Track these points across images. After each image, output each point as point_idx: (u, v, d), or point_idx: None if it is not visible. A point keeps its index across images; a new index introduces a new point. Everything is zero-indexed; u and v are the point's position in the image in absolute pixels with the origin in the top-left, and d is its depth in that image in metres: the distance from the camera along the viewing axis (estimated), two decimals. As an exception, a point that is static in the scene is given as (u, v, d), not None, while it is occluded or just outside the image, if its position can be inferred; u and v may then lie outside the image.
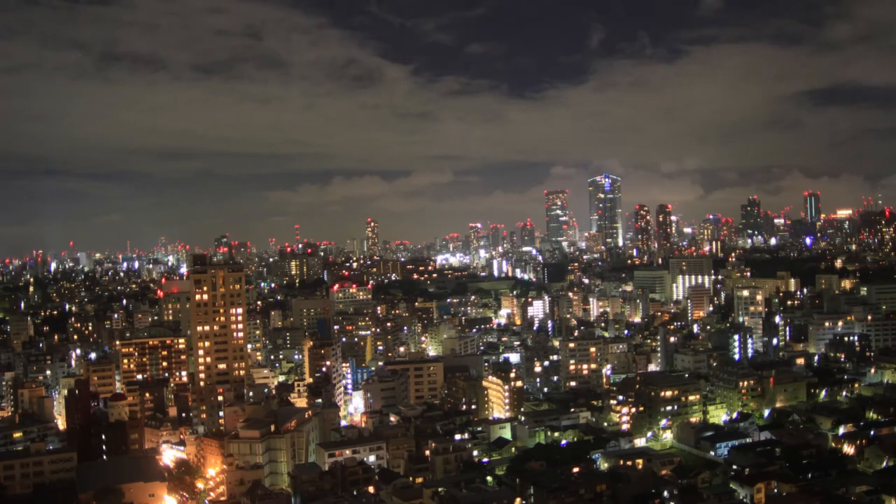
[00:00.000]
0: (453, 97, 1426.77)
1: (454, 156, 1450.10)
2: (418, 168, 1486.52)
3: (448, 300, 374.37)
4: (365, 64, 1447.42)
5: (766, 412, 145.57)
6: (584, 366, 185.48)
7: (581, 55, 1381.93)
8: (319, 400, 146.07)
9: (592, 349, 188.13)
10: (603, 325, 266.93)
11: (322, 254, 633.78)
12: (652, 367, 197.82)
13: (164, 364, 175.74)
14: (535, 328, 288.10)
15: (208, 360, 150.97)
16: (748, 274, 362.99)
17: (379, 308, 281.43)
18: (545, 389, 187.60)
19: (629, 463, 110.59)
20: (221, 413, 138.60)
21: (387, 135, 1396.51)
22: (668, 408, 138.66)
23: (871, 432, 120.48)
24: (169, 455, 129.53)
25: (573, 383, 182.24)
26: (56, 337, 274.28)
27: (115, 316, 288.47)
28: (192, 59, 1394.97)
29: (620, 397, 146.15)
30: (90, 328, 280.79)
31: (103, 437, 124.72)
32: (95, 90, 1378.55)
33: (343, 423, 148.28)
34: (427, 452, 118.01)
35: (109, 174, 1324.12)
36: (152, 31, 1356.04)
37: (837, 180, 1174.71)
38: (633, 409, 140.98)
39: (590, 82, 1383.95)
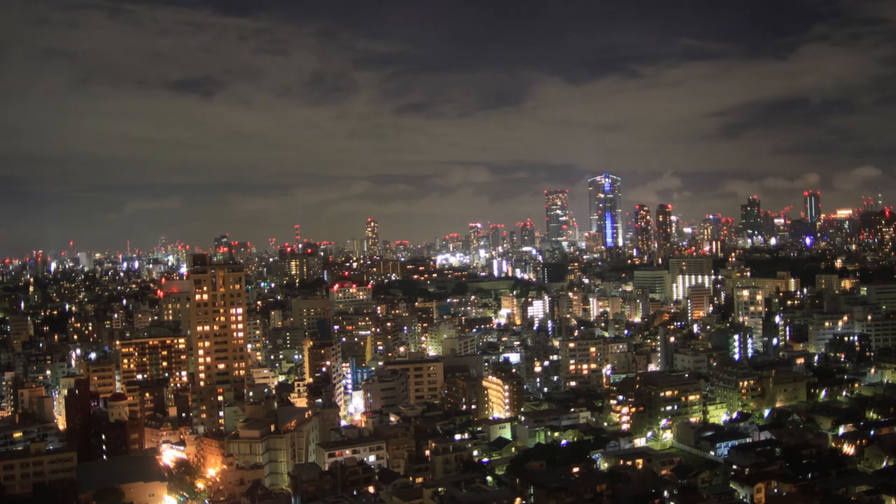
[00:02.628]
0: (418, 109, 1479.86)
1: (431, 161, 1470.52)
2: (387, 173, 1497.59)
3: (448, 300, 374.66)
4: (334, 77, 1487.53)
5: (766, 412, 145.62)
6: (584, 366, 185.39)
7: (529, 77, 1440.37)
8: (319, 400, 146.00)
9: (592, 349, 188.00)
10: (603, 325, 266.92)
11: (322, 254, 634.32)
12: (652, 367, 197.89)
13: (164, 364, 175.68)
14: (535, 328, 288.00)
15: (208, 360, 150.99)
16: (748, 274, 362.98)
17: (379, 308, 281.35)
18: (545, 389, 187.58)
19: (629, 463, 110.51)
20: (221, 413, 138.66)
21: (356, 143, 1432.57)
22: (668, 408, 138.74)
23: (871, 432, 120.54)
24: (169, 455, 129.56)
25: (573, 383, 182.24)
26: (56, 337, 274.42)
27: (115, 316, 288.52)
28: (168, 73, 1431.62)
29: (620, 397, 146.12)
30: (90, 328, 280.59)
31: (103, 437, 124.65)
32: (78, 103, 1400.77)
33: (343, 423, 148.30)
34: (427, 452, 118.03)
35: (94, 179, 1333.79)
36: (129, 48, 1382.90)
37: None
38: (633, 409, 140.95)
39: (529, 102, 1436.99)
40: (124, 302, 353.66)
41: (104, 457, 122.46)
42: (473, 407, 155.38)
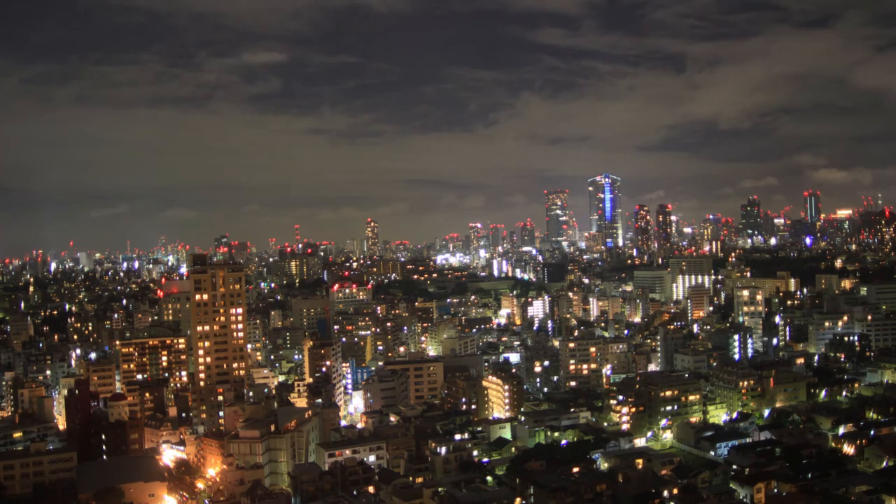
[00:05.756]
0: (389, 123, 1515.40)
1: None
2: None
3: (448, 300, 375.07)
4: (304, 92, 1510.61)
5: (766, 412, 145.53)
6: (584, 366, 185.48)
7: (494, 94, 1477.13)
8: (319, 400, 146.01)
9: (592, 349, 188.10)
10: (603, 325, 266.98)
11: (322, 254, 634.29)
12: (652, 367, 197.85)
13: (164, 364, 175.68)
14: (535, 328, 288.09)
15: (208, 360, 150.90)
16: (748, 274, 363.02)
17: (379, 308, 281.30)
18: (545, 389, 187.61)
19: (629, 463, 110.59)
20: (221, 413, 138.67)
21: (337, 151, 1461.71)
22: (668, 408, 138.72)
23: (871, 432, 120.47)
24: (169, 455, 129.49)
25: (573, 383, 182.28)
26: (56, 337, 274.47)
27: (115, 316, 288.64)
28: (154, 90, 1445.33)
29: (620, 397, 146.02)
30: (90, 328, 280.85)
31: (103, 437, 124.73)
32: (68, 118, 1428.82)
33: (343, 423, 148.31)
34: (427, 452, 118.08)
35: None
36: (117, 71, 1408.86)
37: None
38: (633, 409, 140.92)
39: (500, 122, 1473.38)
40: (124, 302, 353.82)
41: (104, 457, 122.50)
42: (473, 407, 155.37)
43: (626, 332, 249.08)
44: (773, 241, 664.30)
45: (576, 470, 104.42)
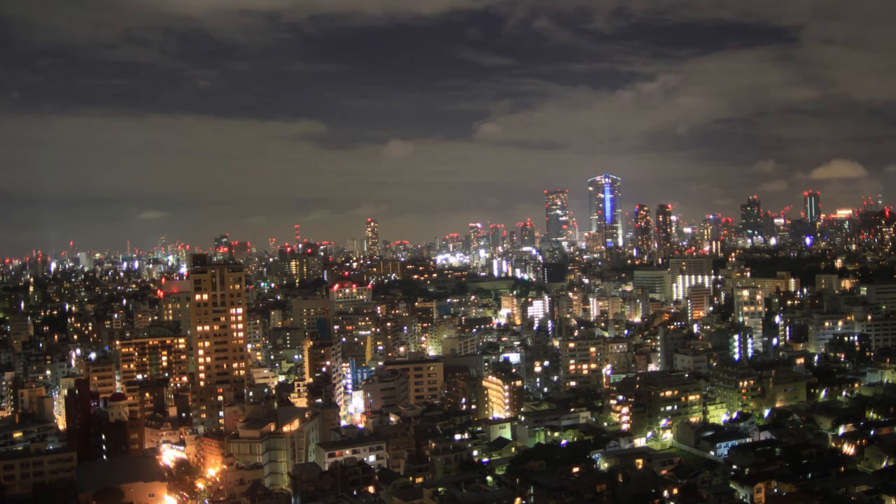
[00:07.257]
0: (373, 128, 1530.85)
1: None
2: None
3: (448, 300, 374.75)
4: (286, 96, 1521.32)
5: (766, 412, 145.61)
6: (584, 366, 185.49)
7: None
8: (319, 400, 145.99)
9: (592, 349, 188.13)
10: (603, 325, 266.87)
11: (322, 254, 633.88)
12: (652, 367, 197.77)
13: (164, 364, 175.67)
14: (535, 328, 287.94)
15: (208, 360, 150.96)
16: (748, 274, 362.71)
17: (379, 308, 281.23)
18: (545, 389, 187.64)
19: (629, 463, 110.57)
20: (221, 413, 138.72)
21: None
22: (668, 408, 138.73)
23: (871, 432, 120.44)
24: (169, 455, 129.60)
25: (573, 383, 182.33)
26: (56, 337, 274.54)
27: (115, 316, 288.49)
28: (139, 101, 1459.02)
29: (620, 397, 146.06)
30: (90, 328, 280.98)
31: (103, 437, 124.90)
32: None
33: (343, 423, 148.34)
34: (427, 452, 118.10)
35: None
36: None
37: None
38: (633, 410, 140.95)
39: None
40: (124, 302, 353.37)
41: (104, 457, 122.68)
42: (473, 407, 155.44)
43: (626, 332, 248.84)
44: (773, 241, 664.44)
45: (576, 470, 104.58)
